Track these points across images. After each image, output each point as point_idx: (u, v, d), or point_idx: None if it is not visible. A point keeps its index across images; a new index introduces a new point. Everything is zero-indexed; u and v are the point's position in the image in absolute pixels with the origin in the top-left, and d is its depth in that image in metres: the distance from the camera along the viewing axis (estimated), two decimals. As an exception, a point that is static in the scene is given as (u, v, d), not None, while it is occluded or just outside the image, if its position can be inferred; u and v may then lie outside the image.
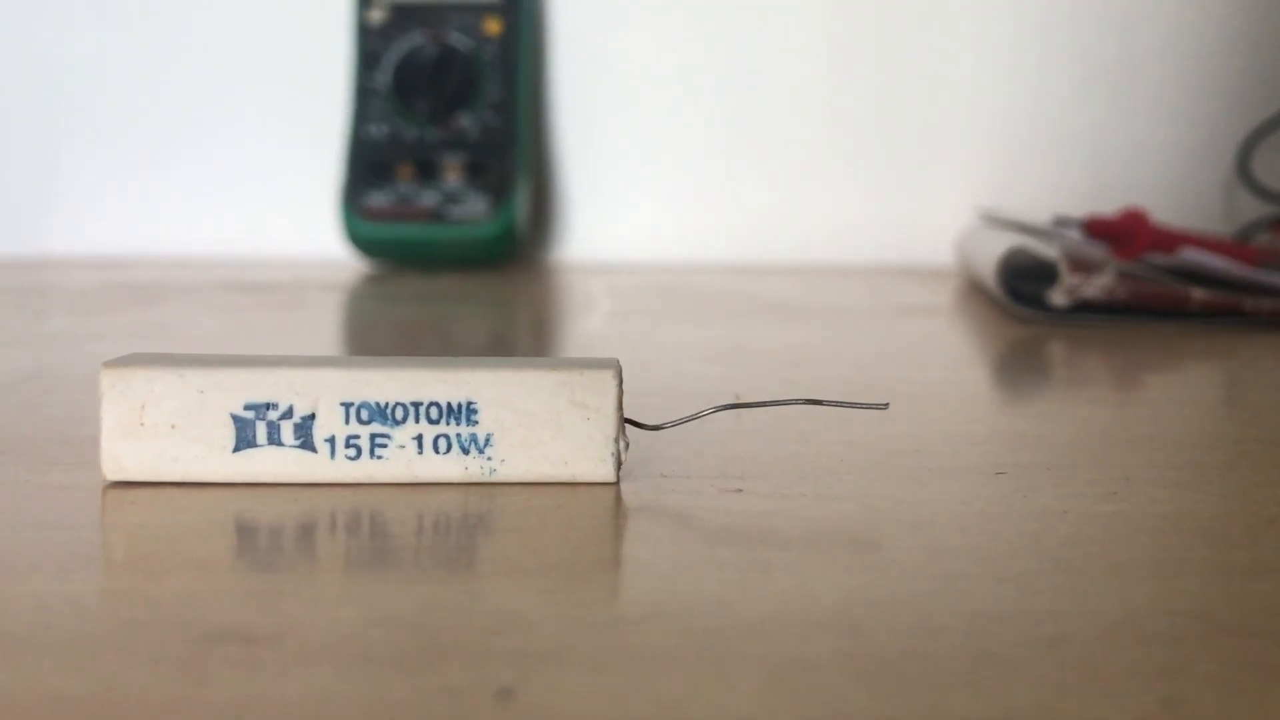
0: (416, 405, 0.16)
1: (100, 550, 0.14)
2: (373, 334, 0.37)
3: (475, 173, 0.56)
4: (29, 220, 0.61)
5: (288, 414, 0.16)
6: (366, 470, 0.16)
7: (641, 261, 0.59)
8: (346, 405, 0.16)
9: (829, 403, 0.18)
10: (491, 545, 0.14)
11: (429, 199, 0.55)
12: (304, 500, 0.16)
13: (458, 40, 0.56)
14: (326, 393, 0.16)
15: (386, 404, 0.16)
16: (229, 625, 0.11)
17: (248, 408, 0.16)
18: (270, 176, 0.61)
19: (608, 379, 0.17)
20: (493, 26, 0.56)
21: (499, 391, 0.16)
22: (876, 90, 0.58)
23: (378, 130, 0.56)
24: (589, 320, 0.37)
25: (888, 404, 0.18)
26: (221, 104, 0.61)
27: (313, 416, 0.16)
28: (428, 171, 0.56)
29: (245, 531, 0.15)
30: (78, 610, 0.12)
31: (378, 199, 0.56)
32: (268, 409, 0.16)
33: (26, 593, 0.12)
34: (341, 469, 0.16)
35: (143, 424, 0.16)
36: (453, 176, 0.55)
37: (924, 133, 0.58)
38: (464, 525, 0.15)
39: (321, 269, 0.54)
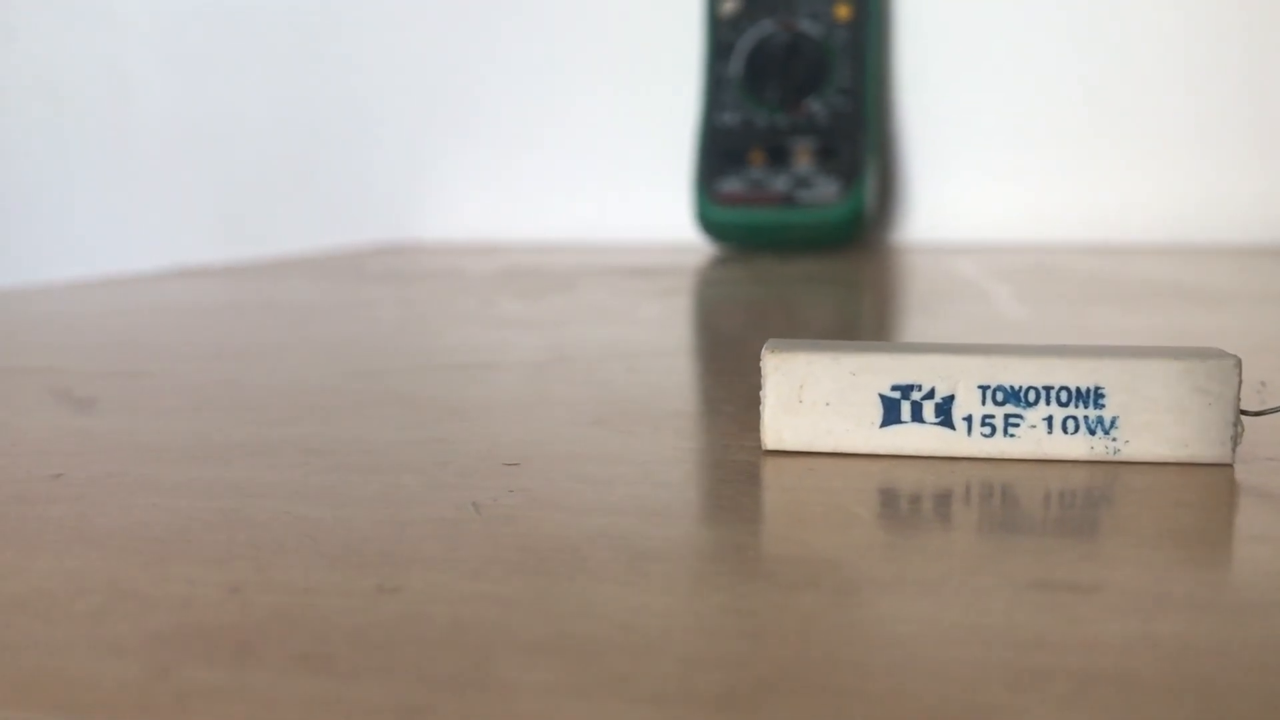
0: (1048, 389, 0.18)
1: (829, 510, 0.16)
2: (773, 316, 0.39)
3: (825, 157, 0.57)
4: (405, 209, 0.67)
5: (930, 395, 0.18)
6: (999, 447, 0.18)
7: (986, 241, 0.59)
8: (983, 388, 0.18)
9: None
10: (1161, 520, 0.16)
11: (780, 184, 0.57)
12: (958, 472, 0.18)
13: (808, 27, 0.58)
14: (965, 376, 0.18)
15: (1020, 387, 0.18)
16: (1045, 576, 0.13)
17: (894, 388, 0.18)
18: (623, 164, 0.65)
19: (1230, 367, 0.18)
20: (843, 12, 0.58)
21: (1126, 378, 0.18)
22: (1239, 59, 0.56)
23: (730, 118, 0.58)
24: (1000, 305, 0.38)
25: None
26: (579, 97, 0.65)
27: (952, 397, 0.18)
28: (779, 157, 0.58)
29: (935, 498, 0.17)
30: (858, 562, 0.14)
31: (731, 184, 0.58)
32: (912, 390, 0.18)
33: (807, 538, 0.15)
34: (976, 445, 0.18)
35: (800, 401, 0.19)
36: (803, 161, 0.57)
37: (1294, 107, 0.56)
38: (1096, 498, 0.17)
39: (676, 252, 0.57)
